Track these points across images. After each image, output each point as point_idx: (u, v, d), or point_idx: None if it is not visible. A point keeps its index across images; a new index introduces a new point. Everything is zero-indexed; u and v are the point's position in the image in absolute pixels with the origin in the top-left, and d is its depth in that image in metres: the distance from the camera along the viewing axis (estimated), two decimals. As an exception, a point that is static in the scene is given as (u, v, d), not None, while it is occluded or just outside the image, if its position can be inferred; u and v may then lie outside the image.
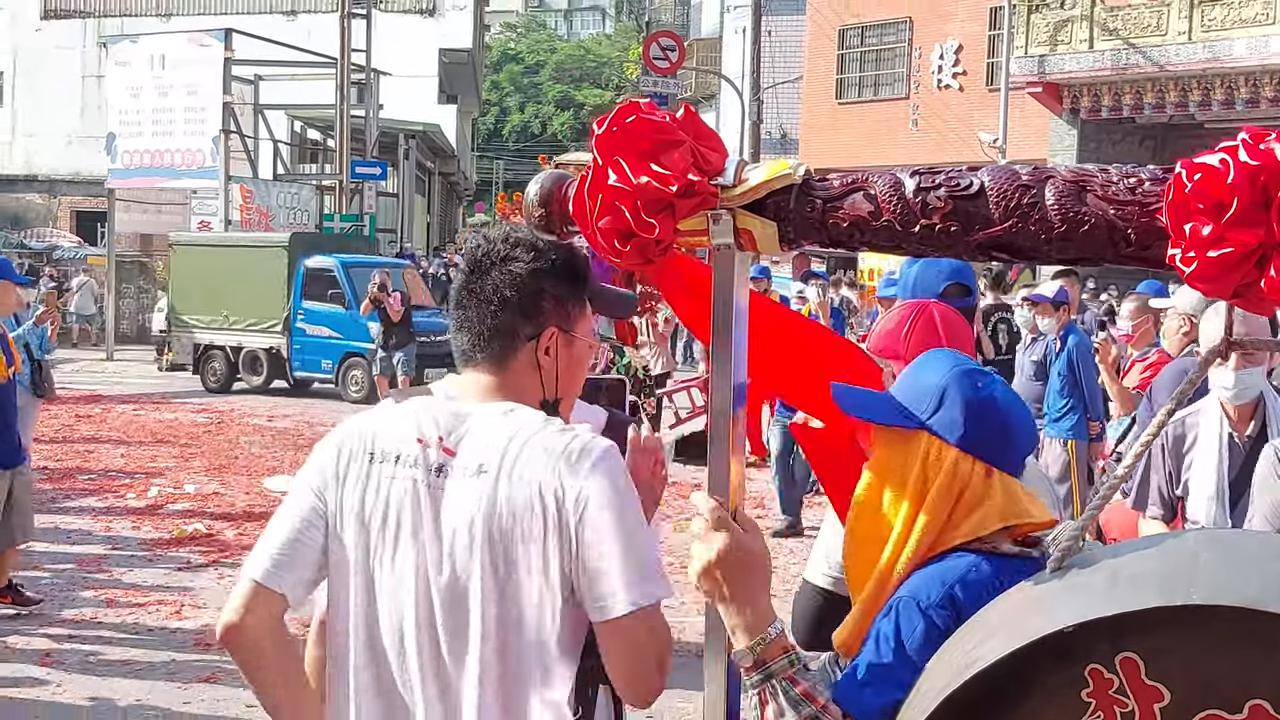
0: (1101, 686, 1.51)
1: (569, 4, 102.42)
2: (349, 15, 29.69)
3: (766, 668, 2.00)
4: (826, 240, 1.90)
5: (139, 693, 6.72)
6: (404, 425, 2.39)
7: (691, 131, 1.93)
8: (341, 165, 30.14)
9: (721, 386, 2.03)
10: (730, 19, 40.90)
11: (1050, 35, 24.51)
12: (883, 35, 31.46)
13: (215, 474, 12.96)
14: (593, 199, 1.94)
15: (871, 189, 1.85)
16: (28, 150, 42.57)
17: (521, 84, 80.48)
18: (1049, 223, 1.73)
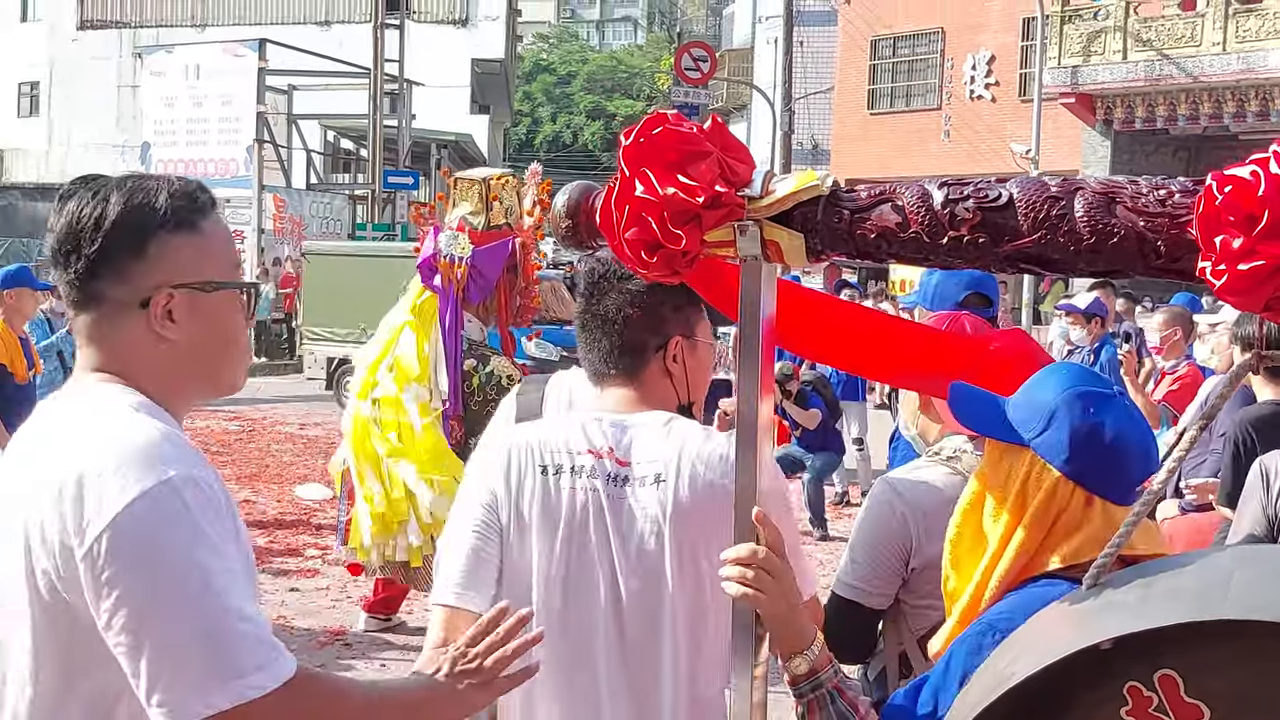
0: (1141, 704, 1.50)
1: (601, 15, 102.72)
2: (382, 25, 29.82)
3: (817, 677, 2.02)
4: (854, 252, 1.90)
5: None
6: (573, 438, 2.52)
7: (718, 143, 1.93)
8: (374, 175, 30.29)
9: (748, 395, 2.03)
10: (762, 30, 40.90)
11: (1083, 46, 24.43)
12: (915, 46, 31.41)
13: (246, 482, 13.00)
14: (619, 210, 1.94)
15: (899, 200, 1.84)
16: (63, 159, 42.88)
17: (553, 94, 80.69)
18: (1078, 235, 1.72)
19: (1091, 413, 2.03)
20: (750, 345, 2.01)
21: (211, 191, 2.09)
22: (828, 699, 2.02)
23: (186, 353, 1.95)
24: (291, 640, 7.79)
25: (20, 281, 8.65)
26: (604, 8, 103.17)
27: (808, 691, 2.04)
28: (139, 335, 1.92)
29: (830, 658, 2.09)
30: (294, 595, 8.81)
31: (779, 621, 2.08)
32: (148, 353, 1.93)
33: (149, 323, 1.91)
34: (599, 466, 2.47)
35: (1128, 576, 1.65)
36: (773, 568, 2.06)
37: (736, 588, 2.06)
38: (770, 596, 2.05)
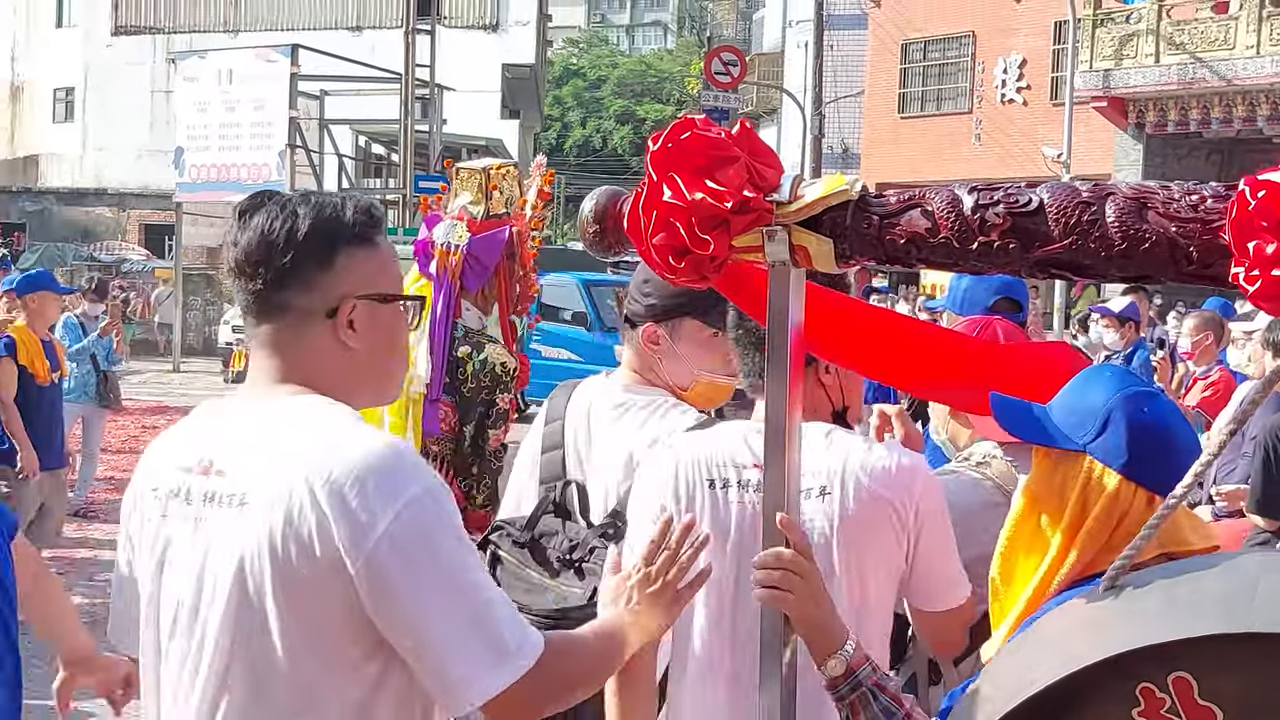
0: (1153, 706, 1.49)
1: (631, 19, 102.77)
2: (413, 31, 29.91)
3: (855, 676, 2.02)
4: (883, 257, 1.89)
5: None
6: (738, 451, 2.59)
7: (747, 147, 1.92)
8: (405, 180, 30.34)
9: (776, 401, 2.02)
10: (792, 34, 40.84)
11: (1115, 49, 24.28)
12: (945, 50, 31.29)
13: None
14: (647, 215, 1.94)
15: (929, 205, 1.83)
16: (98, 164, 43.20)
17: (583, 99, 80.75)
18: (1109, 240, 1.71)
19: (1146, 412, 2.00)
20: (779, 351, 2.00)
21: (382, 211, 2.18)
22: (869, 697, 2.02)
23: (364, 361, 2.06)
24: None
25: (42, 285, 8.76)
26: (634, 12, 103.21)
27: (847, 693, 2.04)
28: (324, 344, 2.03)
29: (867, 656, 2.09)
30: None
31: (808, 623, 2.09)
32: (331, 360, 2.03)
33: (334, 331, 2.02)
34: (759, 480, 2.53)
35: (1149, 578, 1.63)
36: (800, 570, 2.07)
37: (763, 591, 2.07)
38: (798, 598, 2.06)
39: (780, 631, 2.11)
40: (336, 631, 1.91)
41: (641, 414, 3.10)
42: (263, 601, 1.89)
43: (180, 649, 1.99)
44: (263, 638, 1.91)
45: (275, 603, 1.89)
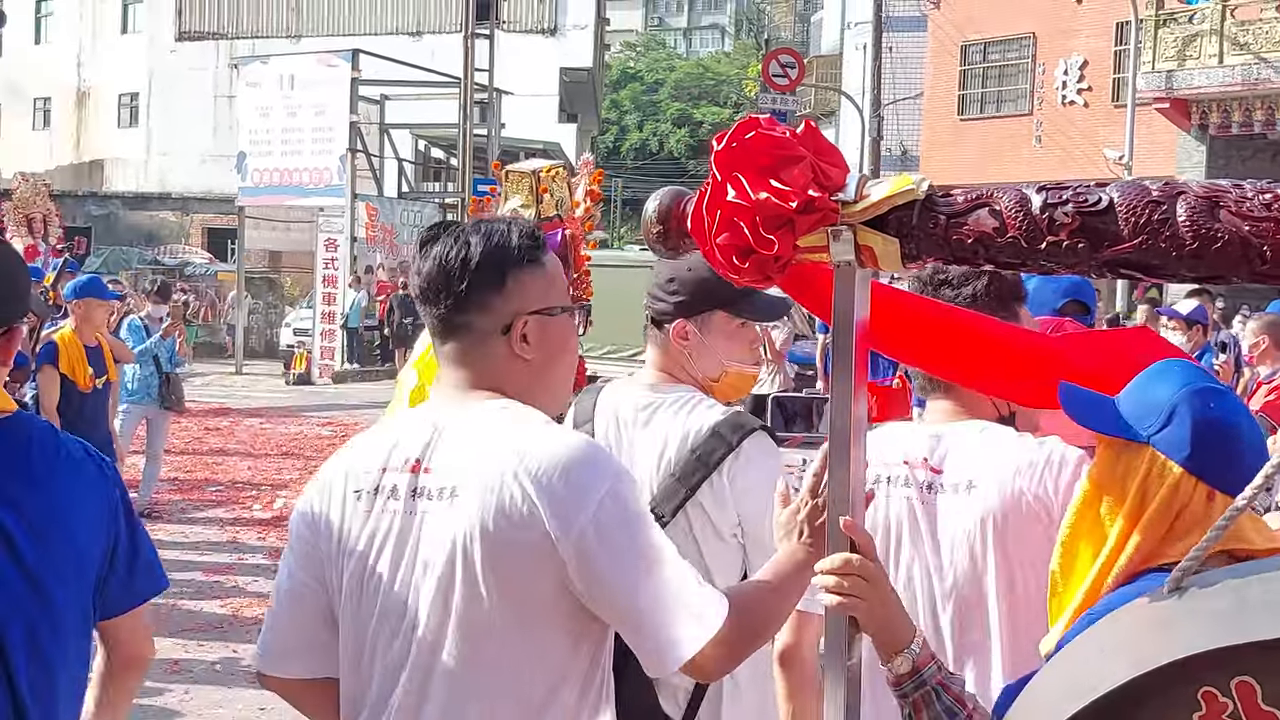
0: (1215, 710, 1.47)
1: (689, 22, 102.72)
2: (473, 35, 30.05)
3: (920, 675, 2.01)
4: (950, 257, 1.87)
5: (262, 701, 6.82)
6: (887, 449, 2.73)
7: (812, 147, 1.91)
8: (464, 183, 30.47)
9: (842, 403, 2.01)
10: (851, 35, 40.68)
11: (1178, 50, 24.00)
12: (1006, 51, 31.06)
13: (339, 486, 13.16)
14: (711, 215, 1.93)
15: (997, 205, 1.81)
16: (162, 169, 43.74)
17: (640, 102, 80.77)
18: (1180, 239, 1.68)
19: (1212, 408, 1.97)
20: (844, 351, 1.99)
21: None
22: (932, 696, 2.02)
23: (539, 369, 2.30)
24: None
25: (90, 292, 8.90)
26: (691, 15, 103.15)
27: (911, 690, 2.04)
28: (503, 356, 2.26)
29: (933, 654, 2.08)
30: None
31: (877, 625, 2.07)
32: (512, 370, 2.27)
33: (510, 345, 2.26)
34: (911, 476, 2.68)
35: (1217, 579, 1.60)
36: (867, 574, 2.06)
37: (831, 597, 2.06)
38: (867, 603, 2.05)
39: (845, 630, 2.10)
40: (543, 608, 2.14)
41: (671, 410, 3.15)
42: (474, 583, 2.12)
43: (390, 629, 2.20)
44: (473, 615, 2.13)
45: (486, 584, 2.11)
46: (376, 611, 2.23)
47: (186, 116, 42.86)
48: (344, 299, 26.07)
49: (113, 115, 46.25)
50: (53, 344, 8.43)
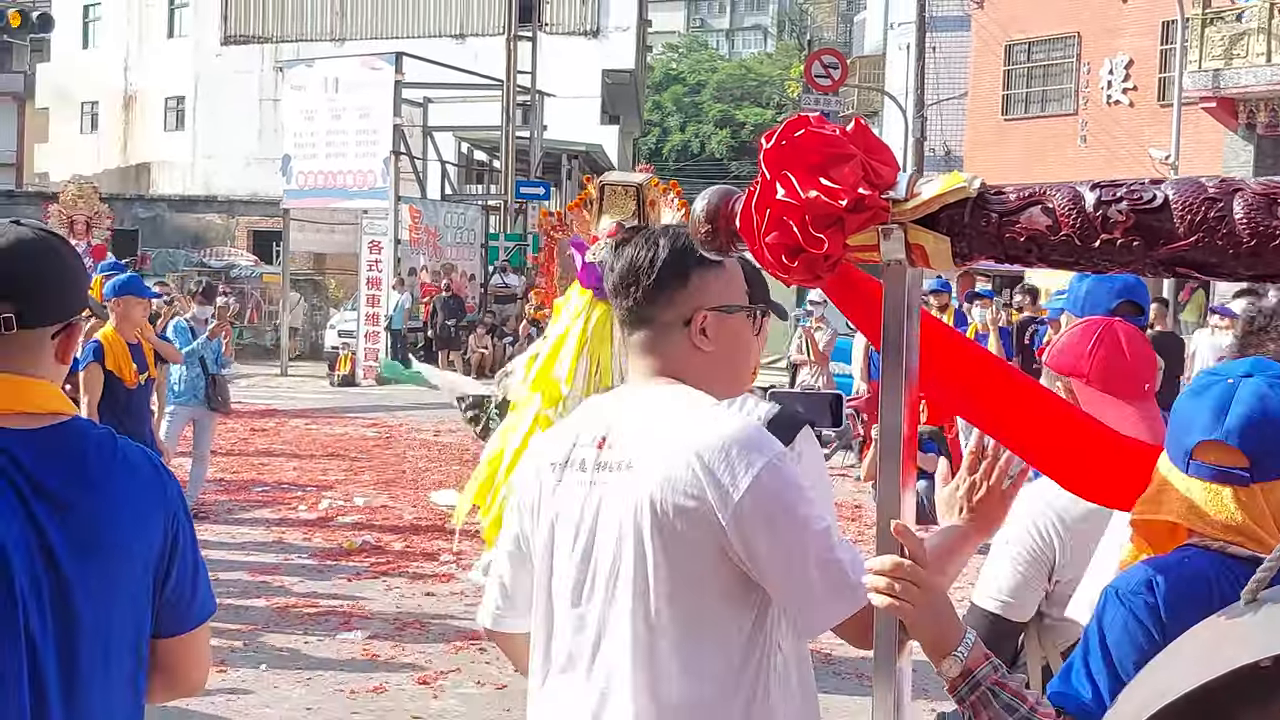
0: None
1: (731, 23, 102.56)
2: (515, 38, 30.11)
3: (973, 676, 2.00)
4: (1002, 255, 1.84)
5: (308, 701, 6.86)
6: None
7: (862, 145, 1.89)
8: (506, 185, 30.57)
9: (892, 404, 1.99)
10: (894, 36, 40.53)
11: (1225, 49, 23.76)
12: (1050, 51, 30.83)
13: (383, 487, 13.20)
14: (760, 214, 1.91)
15: (1050, 202, 1.78)
16: (207, 172, 44.03)
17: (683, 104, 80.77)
18: (1237, 237, 1.65)
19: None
20: (894, 352, 1.97)
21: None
22: (989, 696, 2.00)
23: (717, 360, 2.52)
24: (427, 642, 7.88)
25: (128, 290, 8.95)
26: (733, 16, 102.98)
27: (966, 694, 2.02)
28: (684, 347, 2.50)
29: (986, 654, 2.06)
30: (430, 599, 8.91)
31: (925, 629, 2.05)
32: (692, 360, 2.51)
33: (689, 338, 2.49)
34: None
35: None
36: (918, 579, 2.04)
37: (883, 599, 2.04)
38: (918, 607, 2.03)
39: (894, 633, 2.08)
40: (706, 573, 2.33)
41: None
42: (643, 548, 2.34)
43: (571, 590, 2.45)
44: (646, 576, 2.35)
45: (653, 548, 2.33)
46: (561, 572, 2.47)
47: (232, 120, 43.12)
48: (388, 301, 26.16)
49: (159, 119, 46.59)
50: (98, 342, 8.51)
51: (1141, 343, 3.07)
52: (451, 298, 26.94)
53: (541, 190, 32.19)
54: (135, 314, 8.89)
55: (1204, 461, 2.09)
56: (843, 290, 2.20)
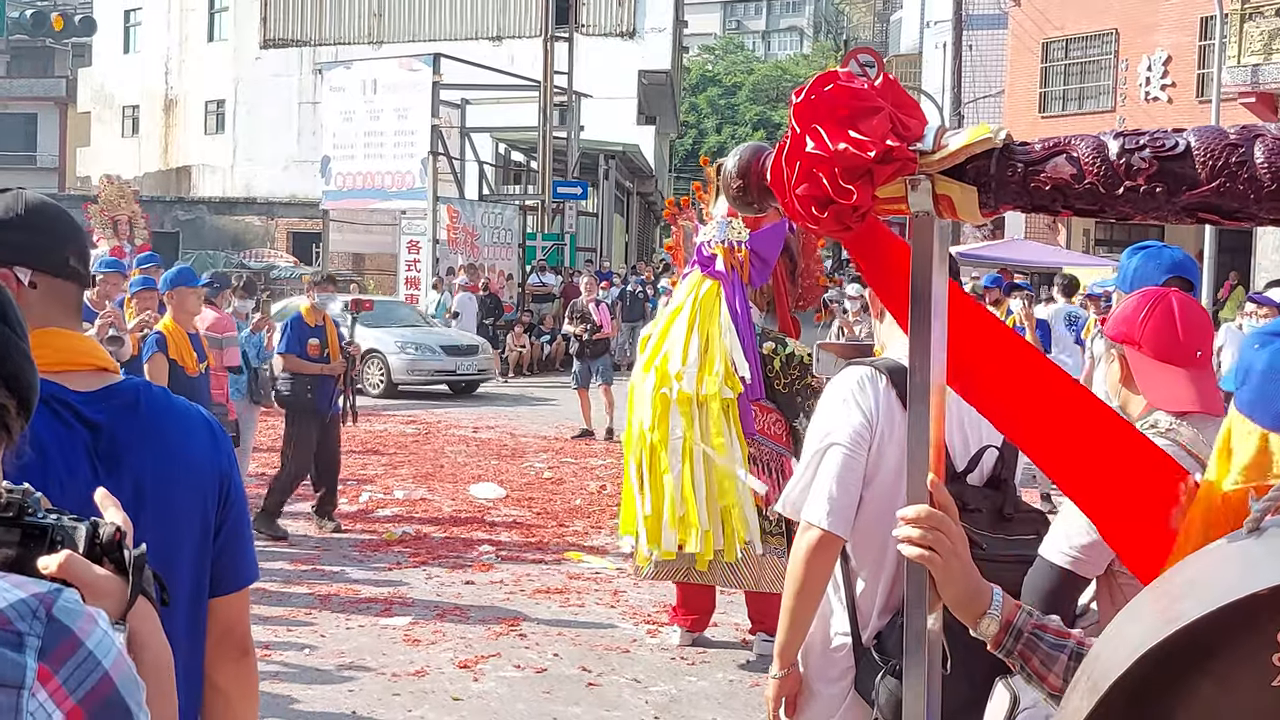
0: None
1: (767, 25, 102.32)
2: (552, 39, 30.20)
3: (1014, 626, 2.01)
4: (1028, 205, 1.87)
5: (351, 685, 6.93)
6: None
7: (890, 98, 1.92)
8: (544, 185, 30.66)
9: (921, 354, 2.02)
10: (930, 34, 40.41)
11: (1264, 44, 23.58)
12: (1087, 47, 30.70)
13: (422, 481, 13.28)
14: (790, 167, 1.94)
15: (1074, 151, 1.81)
16: (247, 175, 44.32)
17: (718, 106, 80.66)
18: (1259, 181, 1.67)
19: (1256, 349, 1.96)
20: (921, 303, 2.00)
21: None
22: (1035, 640, 2.01)
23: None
24: (468, 629, 7.94)
25: (180, 281, 9.20)
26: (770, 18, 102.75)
27: (1013, 645, 2.02)
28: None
29: (1017, 604, 2.06)
30: (469, 587, 8.98)
31: (954, 583, 2.05)
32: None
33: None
34: None
35: None
36: (948, 531, 2.04)
37: (913, 549, 2.05)
38: (945, 558, 2.04)
39: (925, 597, 2.09)
40: None
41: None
42: None
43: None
44: None
45: None
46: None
47: (271, 122, 43.39)
48: (426, 300, 26.26)
49: (199, 122, 46.94)
50: (160, 333, 8.75)
51: (1194, 310, 3.08)
52: (490, 295, 27.04)
53: (579, 190, 32.28)
54: (189, 303, 9.10)
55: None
56: (868, 247, 2.21)
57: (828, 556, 3.35)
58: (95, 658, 1.14)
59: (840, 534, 3.33)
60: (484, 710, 6.60)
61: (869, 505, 3.35)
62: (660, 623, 8.04)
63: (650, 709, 6.73)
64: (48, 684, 1.10)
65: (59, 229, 2.25)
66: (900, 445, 3.26)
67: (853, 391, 3.41)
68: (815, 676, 3.44)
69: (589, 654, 7.55)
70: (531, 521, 11.33)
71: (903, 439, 3.23)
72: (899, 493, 2.99)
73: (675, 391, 6.88)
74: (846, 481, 3.32)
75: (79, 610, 1.16)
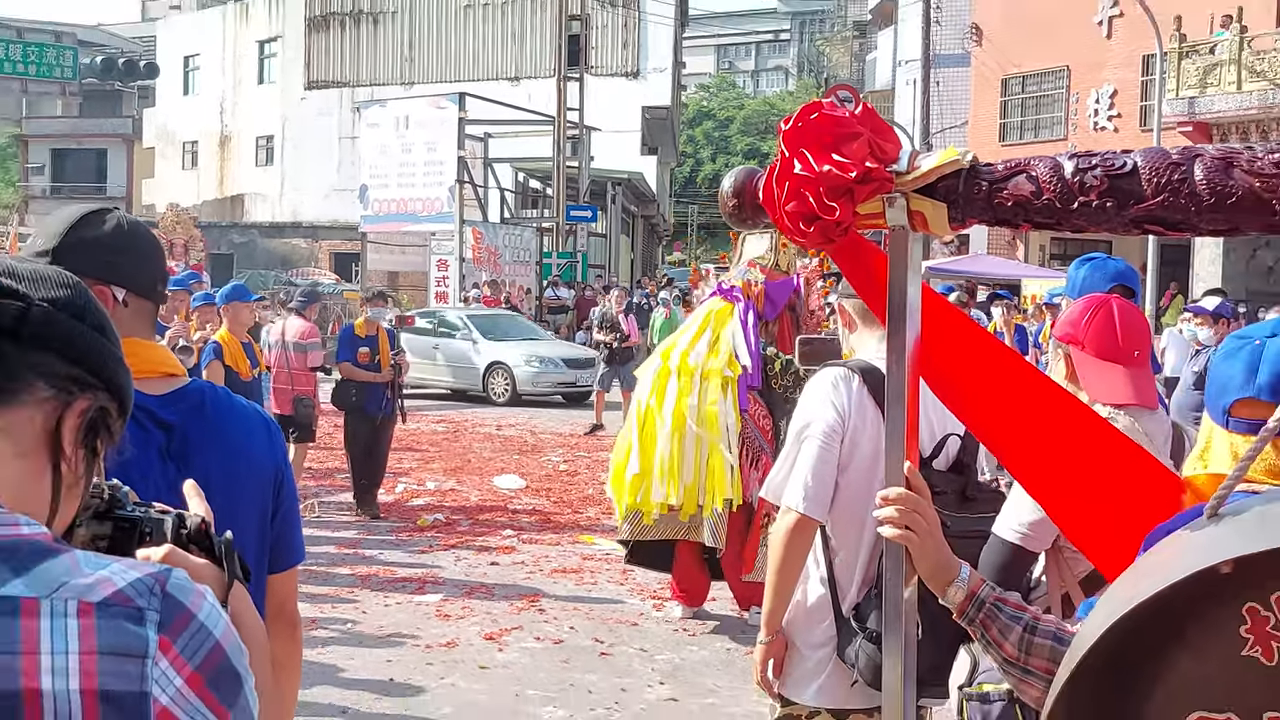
0: (1259, 623, 1.45)
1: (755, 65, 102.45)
2: (564, 79, 30.23)
3: (977, 596, 2.02)
4: (992, 219, 1.87)
5: (389, 654, 6.93)
6: None
7: (869, 125, 1.93)
8: (558, 209, 30.70)
9: (897, 353, 2.02)
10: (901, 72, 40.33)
11: (1200, 79, 23.58)
12: (1042, 83, 30.67)
13: (452, 474, 13.27)
14: (780, 186, 1.95)
15: (1034, 171, 1.82)
16: (293, 202, 44.35)
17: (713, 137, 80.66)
18: (1198, 196, 1.68)
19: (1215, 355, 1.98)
20: (898, 306, 2.00)
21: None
22: (995, 611, 2.01)
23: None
24: (493, 605, 7.93)
25: (235, 296, 9.36)
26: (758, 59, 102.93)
27: (975, 614, 2.03)
28: None
29: (982, 579, 2.07)
30: (494, 568, 8.97)
31: (928, 559, 2.07)
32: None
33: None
34: None
35: (1249, 504, 1.60)
36: (922, 511, 2.06)
37: (891, 529, 2.06)
38: (921, 537, 2.05)
39: (903, 570, 2.10)
40: None
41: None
42: None
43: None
44: None
45: None
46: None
47: (314, 155, 43.44)
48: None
49: (251, 155, 46.97)
50: (217, 343, 8.80)
51: (1133, 314, 3.08)
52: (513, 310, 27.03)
53: (589, 213, 32.30)
54: (243, 316, 9.19)
55: (1241, 417, 2.05)
56: (850, 257, 2.22)
57: (805, 536, 3.38)
58: (206, 629, 1.16)
59: (816, 517, 3.36)
60: (508, 678, 6.59)
61: (845, 489, 3.38)
62: (665, 598, 8.04)
63: (656, 675, 6.72)
64: (168, 653, 1.12)
65: (153, 254, 2.27)
66: (872, 435, 3.29)
67: (828, 390, 3.43)
68: (800, 643, 3.45)
69: (601, 627, 7.54)
70: (549, 509, 11.32)
71: (874, 430, 3.27)
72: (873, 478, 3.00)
73: (677, 362, 7.07)
74: (821, 471, 3.36)
75: (189, 587, 1.17)
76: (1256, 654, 1.44)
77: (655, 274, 45.15)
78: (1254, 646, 1.45)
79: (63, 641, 1.08)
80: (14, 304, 1.21)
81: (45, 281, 1.26)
